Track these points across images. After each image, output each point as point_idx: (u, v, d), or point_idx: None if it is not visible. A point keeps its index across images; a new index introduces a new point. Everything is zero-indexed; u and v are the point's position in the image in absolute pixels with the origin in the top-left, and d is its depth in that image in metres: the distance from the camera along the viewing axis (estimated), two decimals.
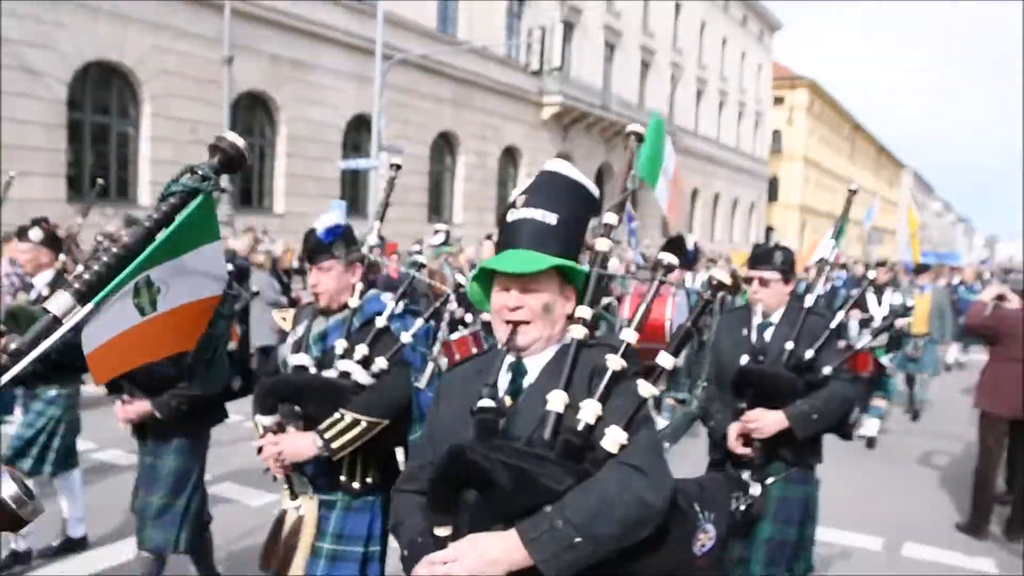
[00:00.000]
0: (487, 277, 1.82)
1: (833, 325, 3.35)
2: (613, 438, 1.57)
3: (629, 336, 1.68)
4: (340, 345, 2.76)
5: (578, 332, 1.71)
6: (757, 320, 3.44)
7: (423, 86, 23.63)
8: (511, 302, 1.72)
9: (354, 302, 2.83)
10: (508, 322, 1.74)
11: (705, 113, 42.42)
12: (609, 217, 1.84)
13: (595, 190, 1.87)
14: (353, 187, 22.13)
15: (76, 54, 15.38)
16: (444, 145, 25.71)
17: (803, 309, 3.35)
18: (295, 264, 12.19)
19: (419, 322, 2.88)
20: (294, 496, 2.80)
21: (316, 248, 2.82)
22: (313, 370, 2.79)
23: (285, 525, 2.79)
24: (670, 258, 1.77)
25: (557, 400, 1.61)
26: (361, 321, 2.82)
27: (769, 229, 53.31)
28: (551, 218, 1.76)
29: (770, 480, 3.21)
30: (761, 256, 3.48)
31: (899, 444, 8.02)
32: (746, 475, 3.20)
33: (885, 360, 7.49)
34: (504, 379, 1.76)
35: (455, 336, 5.99)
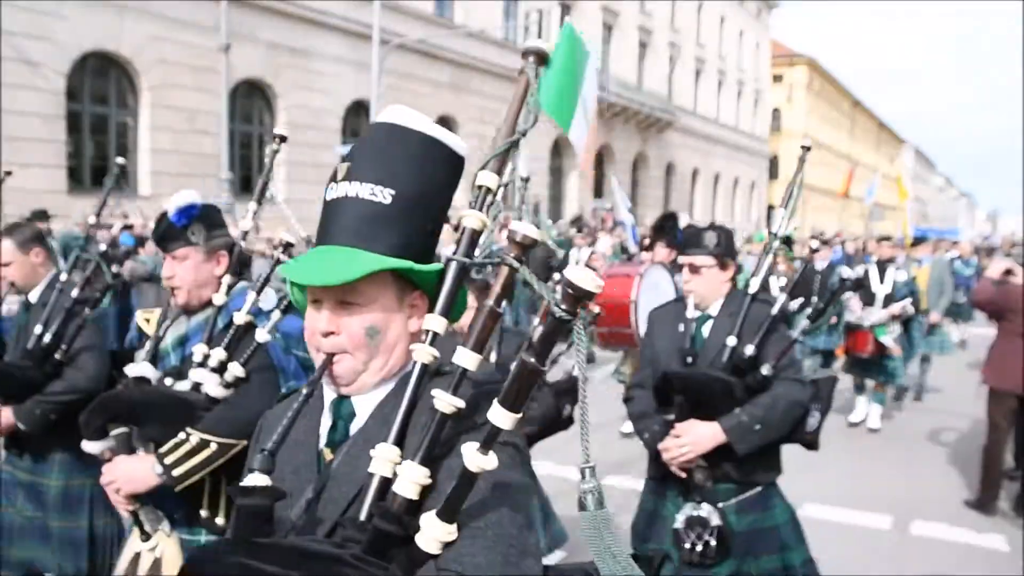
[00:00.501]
0: (301, 288, 1.33)
1: (775, 311, 2.77)
2: (428, 534, 1.04)
3: (465, 360, 1.10)
4: (199, 351, 2.30)
5: (422, 355, 1.17)
6: (691, 314, 2.89)
7: (421, 71, 23.51)
8: (322, 325, 1.23)
9: (219, 299, 2.37)
10: (321, 351, 1.25)
11: (704, 92, 42.20)
12: (484, 177, 1.28)
13: (460, 146, 1.38)
14: None
15: (74, 45, 15.31)
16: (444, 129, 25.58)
17: (747, 297, 2.82)
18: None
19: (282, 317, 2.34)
20: (145, 535, 2.26)
21: (167, 233, 2.36)
22: (169, 382, 2.33)
23: (139, 569, 2.25)
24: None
25: (382, 459, 1.11)
26: (226, 321, 2.35)
27: (770, 208, 53.13)
28: (385, 195, 1.26)
29: (720, 505, 2.72)
30: (691, 239, 2.93)
31: (906, 422, 8.04)
32: (698, 511, 2.71)
33: (888, 340, 7.15)
34: (326, 424, 1.29)
35: None
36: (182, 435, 2.19)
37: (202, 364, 2.28)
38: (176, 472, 2.14)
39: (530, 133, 1.33)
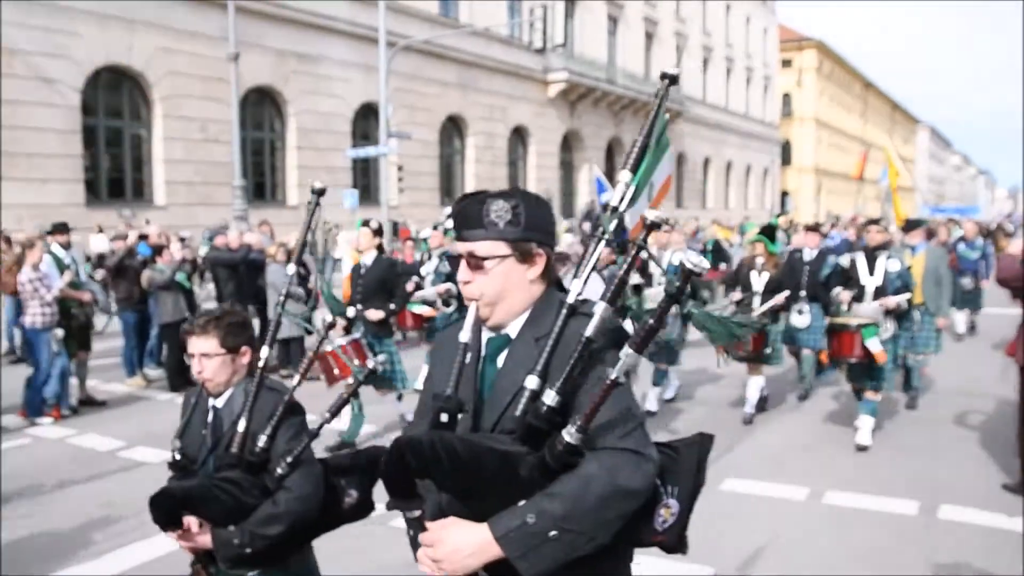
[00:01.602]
0: None
1: (589, 332, 1.43)
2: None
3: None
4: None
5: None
6: (465, 337, 1.62)
7: (428, 71, 23.58)
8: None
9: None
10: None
11: (712, 81, 41.99)
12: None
13: None
14: (364, 175, 22.19)
15: (88, 60, 15.51)
16: (452, 128, 25.67)
17: (563, 306, 1.54)
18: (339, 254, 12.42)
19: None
20: None
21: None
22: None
23: None
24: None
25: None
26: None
27: (784, 193, 52.83)
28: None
29: None
30: (467, 214, 1.61)
31: (929, 405, 7.92)
32: None
33: (874, 345, 5.98)
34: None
35: (334, 344, 5.62)
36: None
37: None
38: None
39: (541, 128, 1.65)
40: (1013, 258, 5.42)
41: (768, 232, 7.32)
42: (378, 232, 6.30)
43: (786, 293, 6.64)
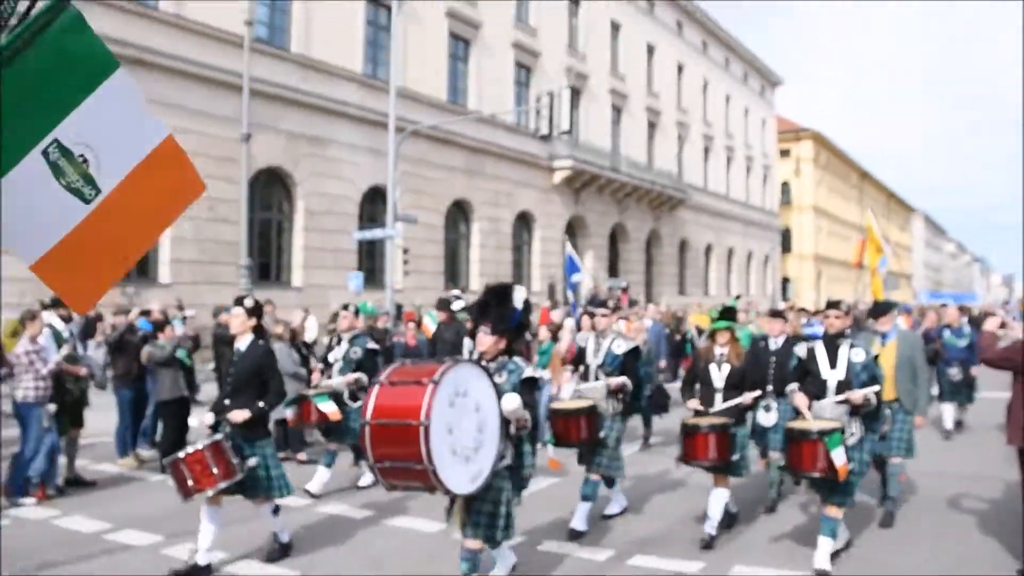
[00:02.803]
0: None
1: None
2: None
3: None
4: None
5: None
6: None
7: (436, 156, 24.00)
8: None
9: None
10: None
11: (713, 169, 42.80)
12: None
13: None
14: (370, 258, 22.25)
15: None
16: (458, 213, 25.94)
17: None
18: (312, 337, 12.20)
19: None
20: None
21: None
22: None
23: None
24: None
25: None
26: None
27: (785, 280, 53.08)
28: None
29: None
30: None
31: (927, 490, 7.24)
32: None
33: (838, 456, 4.99)
34: None
35: (188, 451, 4.90)
36: None
37: None
38: None
39: (546, 214, 1.44)
40: (992, 335, 5.36)
41: (729, 315, 6.24)
42: (254, 312, 5.31)
43: (755, 394, 5.82)
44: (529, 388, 4.20)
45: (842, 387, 5.30)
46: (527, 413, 4.04)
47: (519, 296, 4.30)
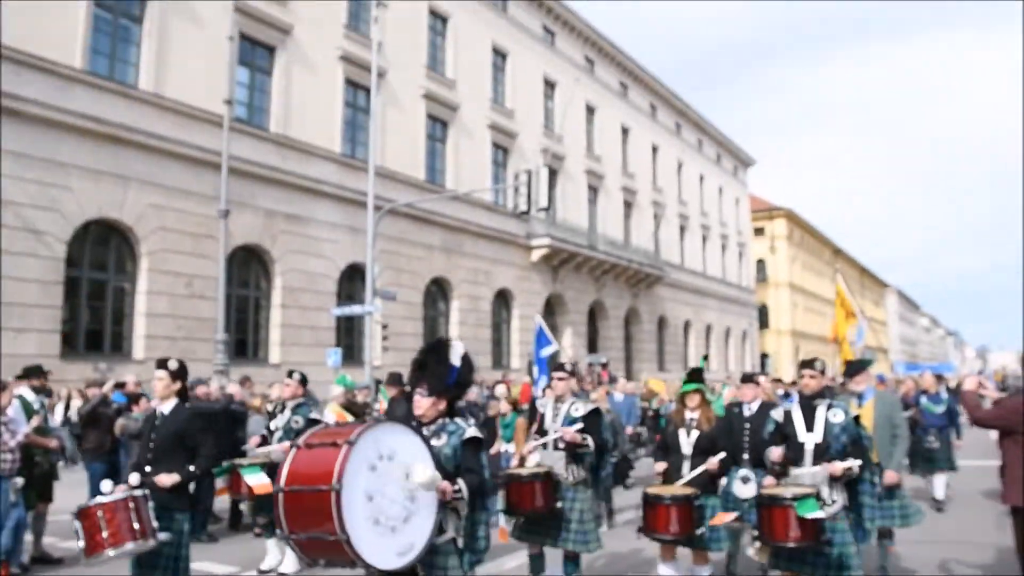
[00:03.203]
0: None
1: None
2: None
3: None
4: None
5: None
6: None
7: (414, 235, 24.23)
8: None
9: None
10: None
11: (690, 247, 43.52)
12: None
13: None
14: (348, 335, 22.10)
15: (78, 213, 15.77)
16: (437, 291, 26.00)
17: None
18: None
19: None
20: None
21: None
22: None
23: None
24: None
25: None
26: None
27: (764, 355, 53.32)
28: None
29: None
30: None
31: (915, 558, 6.95)
32: None
33: (818, 515, 4.59)
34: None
35: (110, 498, 4.42)
36: None
37: None
38: None
39: (525, 292, 1.69)
40: (973, 394, 5.38)
41: (696, 377, 5.91)
42: (177, 375, 5.05)
43: (721, 456, 5.49)
44: (473, 449, 3.78)
45: (820, 450, 4.95)
46: (450, 483, 3.54)
47: (456, 352, 3.91)
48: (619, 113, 37.13)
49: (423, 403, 3.81)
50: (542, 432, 5.91)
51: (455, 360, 3.86)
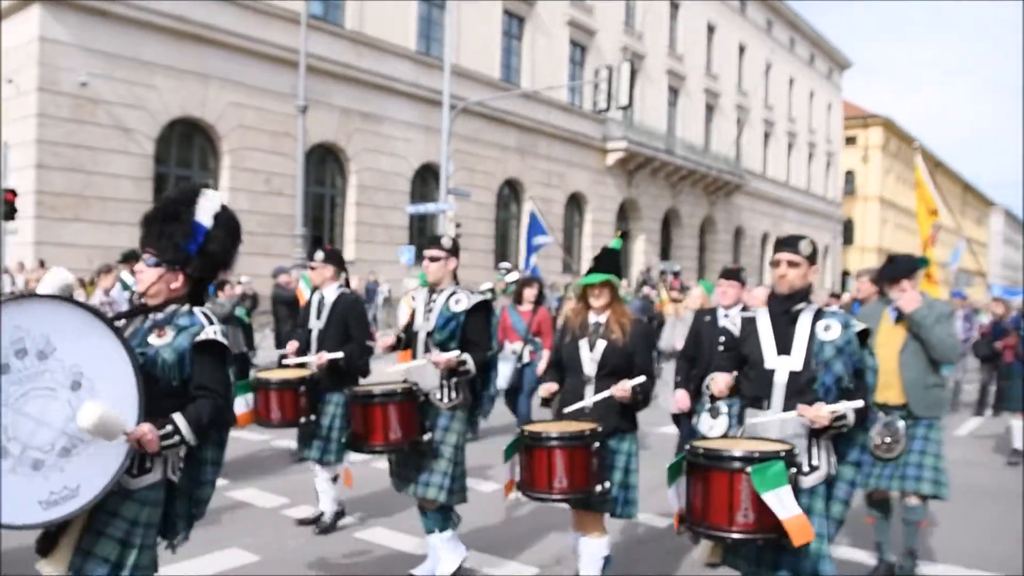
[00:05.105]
0: None
1: None
2: None
3: None
4: None
5: None
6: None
7: (488, 135, 24.09)
8: None
9: None
10: None
11: (773, 154, 41.83)
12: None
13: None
14: (421, 234, 22.51)
15: (163, 112, 16.33)
16: (510, 193, 26.01)
17: None
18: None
19: None
20: None
21: None
22: None
23: None
24: None
25: None
26: None
27: (845, 273, 51.62)
28: None
29: None
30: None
31: (955, 532, 5.37)
32: None
33: (781, 501, 2.65)
34: None
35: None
36: None
37: None
38: None
39: (598, 196, 1.59)
40: None
41: (607, 263, 3.77)
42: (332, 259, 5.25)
43: (636, 381, 3.52)
44: (213, 359, 2.53)
45: (798, 384, 3.01)
46: (143, 428, 2.28)
47: (206, 206, 2.62)
48: (705, 9, 35.22)
49: (146, 276, 2.58)
50: (409, 334, 4.33)
51: (203, 217, 2.60)
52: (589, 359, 3.68)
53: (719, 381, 3.18)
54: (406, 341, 4.38)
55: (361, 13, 20.29)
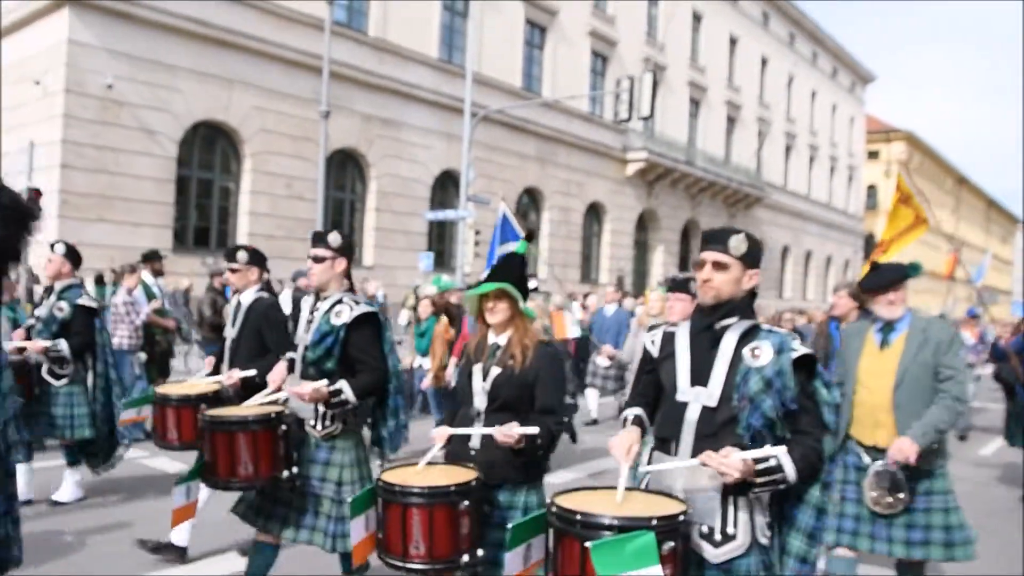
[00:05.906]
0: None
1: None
2: None
3: None
4: None
5: None
6: None
7: (509, 143, 24.11)
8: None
9: None
10: None
11: (795, 167, 41.55)
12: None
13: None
14: (440, 240, 22.55)
15: (187, 115, 16.48)
16: (529, 201, 25.99)
17: None
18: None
19: None
20: None
21: None
22: None
23: None
24: None
25: None
26: None
27: None
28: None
29: None
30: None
31: None
32: None
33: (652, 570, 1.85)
34: None
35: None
36: None
37: None
38: None
39: (618, 206, 1.50)
40: None
41: (507, 271, 2.92)
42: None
43: (531, 430, 2.65)
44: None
45: (712, 423, 2.30)
46: None
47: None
48: (727, 21, 35.15)
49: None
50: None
51: None
52: (481, 389, 2.86)
53: (615, 446, 2.37)
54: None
55: (384, 20, 20.41)
